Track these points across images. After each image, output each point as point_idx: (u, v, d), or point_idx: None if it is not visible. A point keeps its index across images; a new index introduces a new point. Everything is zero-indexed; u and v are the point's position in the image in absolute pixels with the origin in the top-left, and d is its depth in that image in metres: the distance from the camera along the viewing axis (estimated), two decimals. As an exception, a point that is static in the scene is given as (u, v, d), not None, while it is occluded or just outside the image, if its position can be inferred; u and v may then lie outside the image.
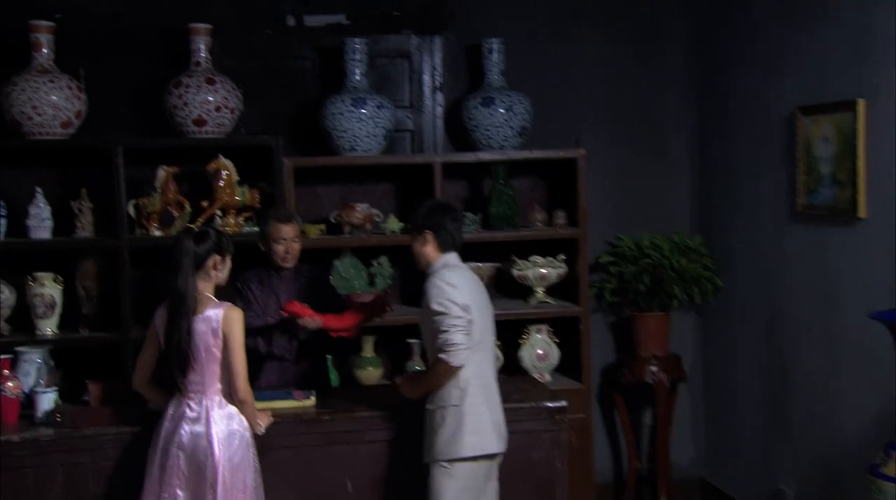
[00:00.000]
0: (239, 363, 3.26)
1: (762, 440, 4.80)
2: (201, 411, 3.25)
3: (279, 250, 3.99)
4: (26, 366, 3.71)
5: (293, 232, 4.02)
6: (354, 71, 4.83)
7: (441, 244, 3.53)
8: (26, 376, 3.66)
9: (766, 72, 4.61)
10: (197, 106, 4.57)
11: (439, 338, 3.33)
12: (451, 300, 3.36)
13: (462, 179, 5.16)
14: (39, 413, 3.47)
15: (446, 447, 3.36)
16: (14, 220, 4.56)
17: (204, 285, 3.36)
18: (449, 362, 3.32)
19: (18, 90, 4.42)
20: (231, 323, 3.28)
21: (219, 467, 3.19)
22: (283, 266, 4.03)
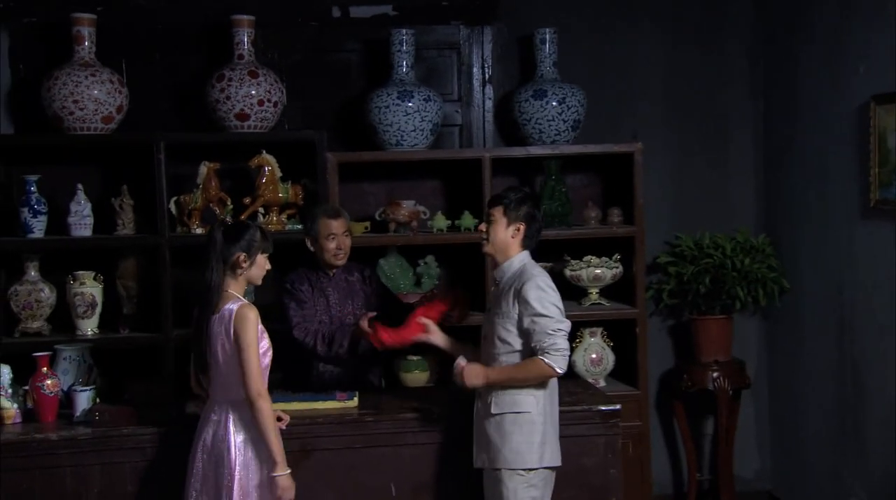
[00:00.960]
0: (247, 363, 3.19)
1: (832, 451, 4.70)
2: (221, 415, 3.26)
3: (331, 247, 4.01)
4: (65, 364, 3.78)
5: (343, 227, 4.04)
6: (401, 63, 4.85)
7: (527, 240, 3.49)
8: (65, 375, 3.73)
9: (837, 60, 4.52)
10: (240, 100, 4.62)
11: (543, 341, 3.30)
12: (556, 305, 3.35)
13: (512, 176, 5.14)
14: (78, 412, 3.53)
15: (526, 454, 3.33)
16: (55, 217, 4.65)
17: (231, 282, 3.33)
18: (555, 368, 3.30)
19: (60, 84, 4.51)
20: (242, 321, 3.22)
21: (234, 474, 3.18)
22: (334, 264, 4.05)
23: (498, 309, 3.43)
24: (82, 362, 3.85)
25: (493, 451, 3.36)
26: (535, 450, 3.33)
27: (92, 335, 4.56)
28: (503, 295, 3.43)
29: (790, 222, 5.07)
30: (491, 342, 3.45)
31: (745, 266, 4.92)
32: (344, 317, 4.09)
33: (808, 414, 4.94)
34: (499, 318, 3.42)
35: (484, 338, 3.53)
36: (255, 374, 3.19)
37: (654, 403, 5.31)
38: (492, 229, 3.46)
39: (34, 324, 4.57)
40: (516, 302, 3.36)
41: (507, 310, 3.39)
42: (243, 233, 3.35)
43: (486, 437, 3.38)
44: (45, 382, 3.51)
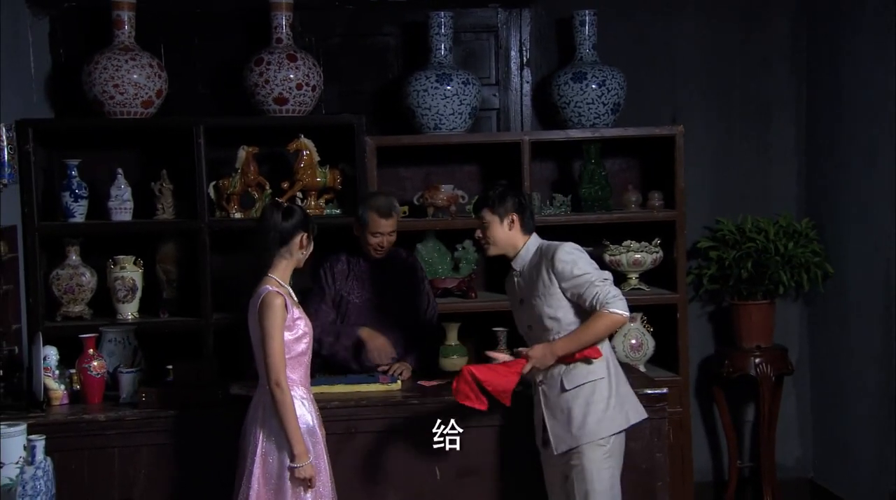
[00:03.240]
0: (268, 351, 3.21)
1: (876, 438, 4.71)
2: (257, 398, 3.32)
3: (373, 242, 4.08)
4: (110, 346, 3.87)
5: (391, 226, 4.09)
6: (439, 46, 4.89)
7: (526, 226, 3.56)
8: (110, 357, 3.82)
9: (882, 40, 4.52)
10: (278, 84, 4.68)
11: (595, 295, 3.36)
12: (589, 262, 3.45)
13: (551, 160, 5.18)
14: (124, 393, 3.62)
15: (607, 422, 3.39)
16: (95, 202, 4.74)
17: (279, 265, 3.36)
18: (620, 312, 3.36)
19: (101, 69, 4.59)
20: (266, 308, 3.23)
21: (256, 458, 3.22)
22: (373, 256, 4.12)
23: (534, 293, 3.48)
24: (127, 344, 3.93)
25: (575, 427, 3.38)
26: (618, 413, 3.40)
27: (132, 319, 4.63)
28: (533, 280, 3.48)
29: (834, 206, 5.07)
30: (541, 327, 3.49)
31: (788, 250, 4.93)
32: (382, 302, 4.16)
33: (851, 401, 4.95)
34: (538, 300, 3.47)
35: (529, 329, 3.56)
36: (274, 363, 3.21)
37: (694, 389, 5.33)
38: (489, 232, 3.55)
39: (76, 308, 4.66)
40: (551, 277, 3.43)
41: (544, 290, 3.45)
42: (300, 214, 3.42)
43: (566, 415, 3.40)
44: (92, 363, 3.60)
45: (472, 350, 4.97)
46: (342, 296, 4.12)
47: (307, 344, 3.37)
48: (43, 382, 3.55)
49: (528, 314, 3.54)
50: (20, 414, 3.44)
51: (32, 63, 4.80)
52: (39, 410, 3.52)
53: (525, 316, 3.56)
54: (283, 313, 3.25)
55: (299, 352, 3.33)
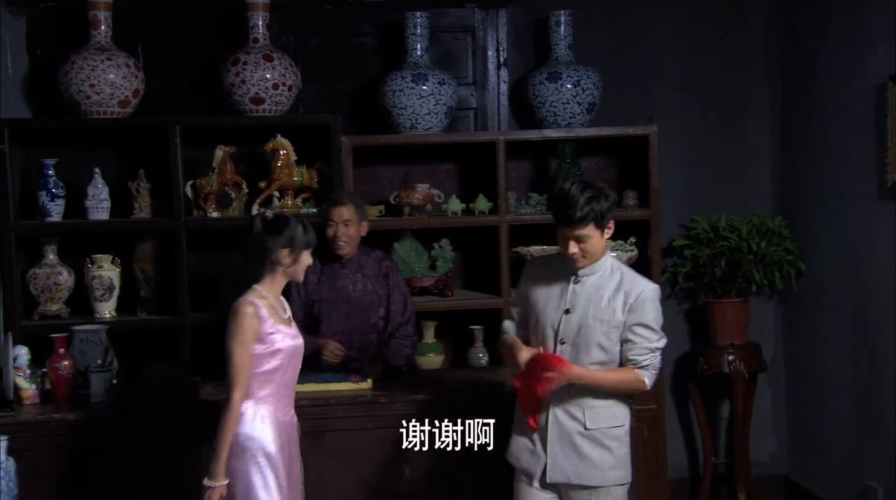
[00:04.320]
0: (228, 360, 3.11)
1: (849, 434, 4.69)
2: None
3: (329, 233, 4.03)
4: (82, 345, 3.83)
5: (346, 215, 4.03)
6: (416, 46, 4.86)
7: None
8: (82, 356, 3.78)
9: (854, 40, 4.49)
10: (254, 84, 4.65)
11: (644, 356, 3.15)
12: (661, 320, 3.21)
13: (528, 159, 5.16)
14: (94, 392, 3.58)
15: (627, 468, 3.25)
16: (73, 201, 4.70)
17: (268, 277, 3.23)
18: (647, 384, 3.19)
19: (77, 69, 4.55)
20: (233, 315, 3.14)
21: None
22: (336, 252, 4.07)
23: (593, 314, 3.15)
24: (99, 343, 3.90)
25: (588, 467, 3.18)
26: (631, 462, 3.26)
27: (110, 318, 4.60)
28: (598, 299, 3.16)
29: (807, 205, 5.05)
30: (584, 349, 3.17)
31: (761, 249, 4.91)
32: (352, 302, 4.13)
33: (825, 398, 4.94)
34: (601, 324, 3.15)
35: (560, 343, 3.20)
36: (232, 374, 3.11)
37: (670, 386, 5.32)
38: (588, 246, 3.14)
39: (53, 307, 4.62)
40: (626, 309, 3.14)
41: (611, 317, 3.14)
42: (285, 228, 3.23)
43: (580, 452, 3.18)
44: (62, 363, 3.57)
45: (450, 348, 4.95)
46: (314, 300, 4.08)
47: (281, 362, 3.21)
48: (14, 381, 3.51)
49: (570, 328, 3.18)
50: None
51: (10, 63, 4.76)
52: (9, 409, 3.48)
53: (565, 328, 3.19)
54: (251, 324, 3.13)
55: (270, 368, 3.19)
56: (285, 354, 3.21)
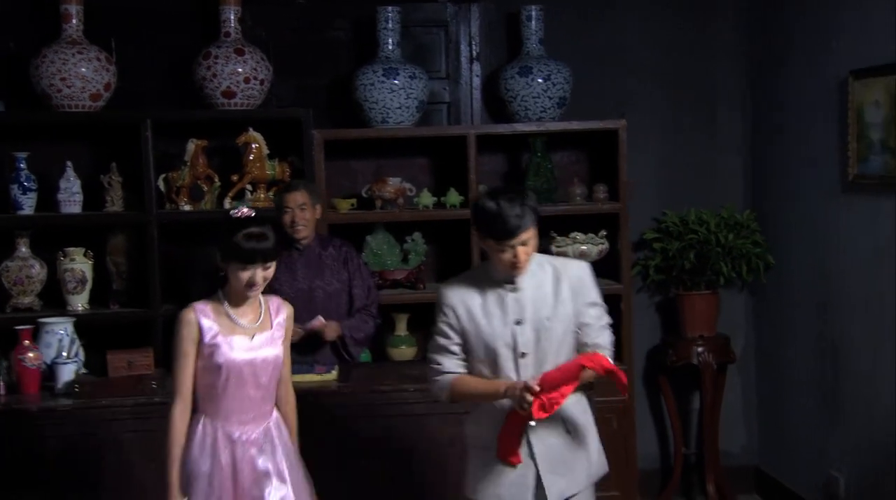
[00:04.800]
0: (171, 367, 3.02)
1: (814, 425, 4.70)
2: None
3: (285, 220, 4.06)
4: (48, 337, 3.82)
5: (300, 199, 4.06)
6: (387, 41, 4.84)
7: None
8: (48, 348, 3.76)
9: (819, 35, 4.49)
10: (226, 77, 4.63)
11: (604, 336, 3.00)
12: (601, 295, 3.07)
13: (500, 153, 5.15)
14: (59, 384, 3.57)
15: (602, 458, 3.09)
16: (45, 194, 4.68)
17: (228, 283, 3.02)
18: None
19: (48, 62, 4.53)
20: (175, 323, 3.01)
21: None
22: (294, 237, 4.07)
23: (550, 313, 2.93)
24: (66, 336, 3.88)
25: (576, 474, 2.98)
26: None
27: (82, 311, 4.60)
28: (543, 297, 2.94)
29: (775, 199, 5.05)
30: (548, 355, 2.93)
31: (728, 242, 4.91)
32: (312, 291, 4.13)
33: (792, 389, 4.94)
34: (559, 323, 2.93)
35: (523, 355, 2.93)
36: (172, 381, 2.99)
37: (642, 378, 5.32)
38: (531, 246, 2.94)
39: (25, 299, 4.61)
40: (572, 296, 2.96)
41: (564, 312, 2.94)
42: (226, 231, 2.96)
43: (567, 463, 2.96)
44: (27, 354, 3.56)
45: (421, 341, 4.94)
46: (274, 289, 4.06)
47: (225, 377, 2.96)
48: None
49: (528, 339, 2.93)
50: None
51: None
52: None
53: (523, 340, 2.93)
54: (189, 332, 2.94)
55: (208, 383, 2.98)
56: (228, 369, 2.96)
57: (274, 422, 3.09)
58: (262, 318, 3.07)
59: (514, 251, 2.88)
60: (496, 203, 2.86)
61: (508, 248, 2.88)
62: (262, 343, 3.03)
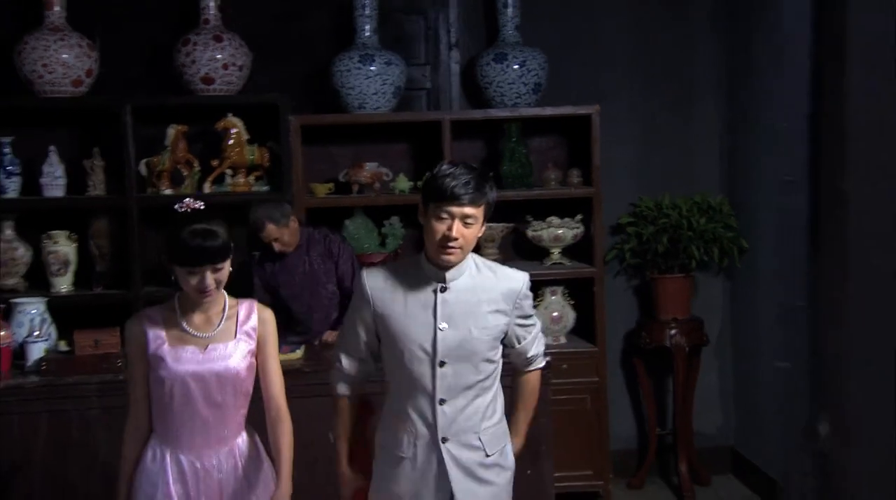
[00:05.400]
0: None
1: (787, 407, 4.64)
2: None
3: (275, 248, 4.18)
4: (20, 317, 3.82)
5: (274, 232, 4.13)
6: (364, 27, 4.82)
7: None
8: (20, 327, 3.77)
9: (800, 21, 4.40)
10: (204, 64, 4.62)
11: (541, 345, 2.83)
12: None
13: (479, 139, 5.12)
14: (29, 362, 3.57)
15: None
16: (30, 178, 4.68)
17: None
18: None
19: (29, 48, 4.53)
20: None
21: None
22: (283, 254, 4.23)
23: (479, 322, 2.62)
24: (38, 315, 3.88)
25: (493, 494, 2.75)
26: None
27: (66, 292, 4.61)
28: (475, 303, 2.62)
29: (749, 184, 5.00)
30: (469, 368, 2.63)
31: (700, 225, 4.86)
32: (312, 287, 4.26)
33: (765, 372, 4.90)
34: (485, 333, 2.63)
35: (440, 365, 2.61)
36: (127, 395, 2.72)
37: (619, 360, 5.30)
38: (470, 233, 2.57)
39: (10, 281, 4.62)
40: (513, 308, 2.68)
41: (496, 324, 2.64)
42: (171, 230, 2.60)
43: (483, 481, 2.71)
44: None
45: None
46: (276, 291, 4.27)
47: (166, 394, 2.62)
48: (-50, 351, 3.51)
49: (449, 347, 2.60)
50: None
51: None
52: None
53: (444, 348, 2.60)
54: (136, 343, 2.64)
55: (155, 400, 2.65)
56: (172, 383, 2.61)
57: (240, 447, 2.72)
58: (222, 325, 2.66)
59: (451, 224, 2.52)
60: (452, 166, 2.58)
61: (446, 215, 2.52)
62: (218, 355, 2.63)
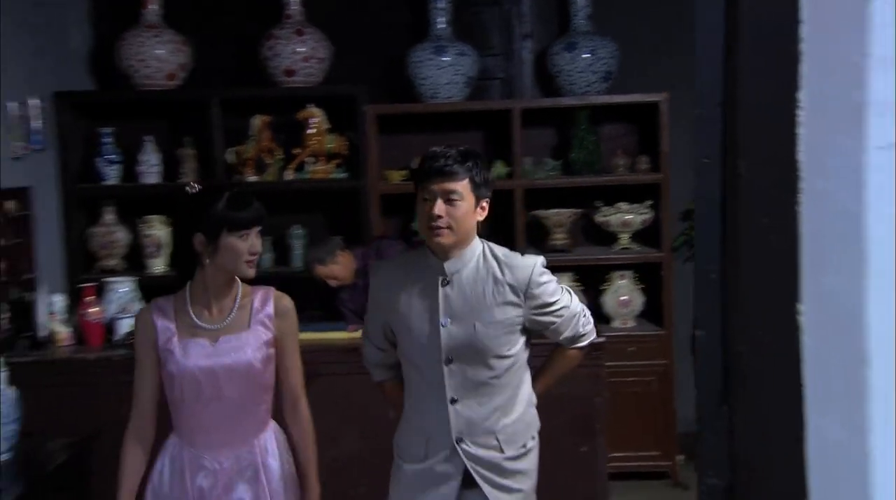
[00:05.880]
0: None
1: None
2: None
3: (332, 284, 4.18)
4: (111, 295, 4.06)
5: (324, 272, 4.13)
6: (438, 19, 4.90)
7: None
8: (110, 304, 4.00)
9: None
10: (286, 57, 4.79)
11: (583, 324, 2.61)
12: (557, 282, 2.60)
13: (550, 126, 5.15)
14: (117, 336, 3.80)
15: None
16: (128, 167, 4.95)
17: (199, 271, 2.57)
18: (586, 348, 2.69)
19: (127, 45, 4.78)
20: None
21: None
22: None
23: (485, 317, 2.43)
24: (128, 294, 4.11)
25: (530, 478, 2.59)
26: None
27: (158, 273, 4.86)
28: (480, 295, 2.44)
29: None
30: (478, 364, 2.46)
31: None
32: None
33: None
34: (494, 329, 2.44)
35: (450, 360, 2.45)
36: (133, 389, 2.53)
37: (690, 344, 5.26)
38: (458, 211, 2.41)
39: (110, 262, 4.90)
40: (525, 298, 2.46)
41: (504, 317, 2.45)
42: (197, 205, 2.44)
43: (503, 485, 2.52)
44: (89, 310, 3.79)
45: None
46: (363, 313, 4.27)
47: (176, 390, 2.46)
48: (48, 324, 3.76)
49: (456, 343, 2.44)
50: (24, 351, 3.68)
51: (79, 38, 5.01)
52: (41, 348, 3.74)
53: (450, 344, 2.44)
54: (144, 335, 2.46)
55: (168, 396, 2.49)
56: (181, 379, 2.43)
57: (263, 446, 2.50)
58: (234, 315, 2.47)
59: (434, 204, 2.39)
60: (437, 148, 2.48)
61: (429, 196, 2.40)
62: (229, 348, 2.44)
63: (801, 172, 0.93)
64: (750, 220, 0.96)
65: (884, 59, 0.78)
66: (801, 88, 0.93)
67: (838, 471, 0.89)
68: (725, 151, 1.02)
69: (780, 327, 0.96)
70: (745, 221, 0.97)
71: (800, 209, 0.93)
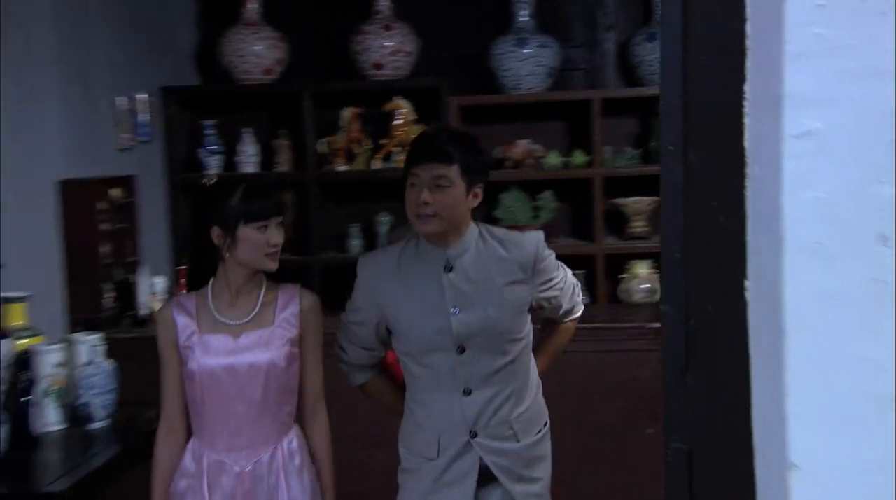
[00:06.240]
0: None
1: None
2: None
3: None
4: (208, 276, 4.28)
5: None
6: (521, 11, 4.97)
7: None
8: (206, 285, 4.22)
9: None
10: (375, 51, 4.94)
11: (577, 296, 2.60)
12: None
13: (632, 116, 5.16)
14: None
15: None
16: (228, 156, 5.19)
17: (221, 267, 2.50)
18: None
19: (227, 42, 5.02)
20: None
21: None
22: None
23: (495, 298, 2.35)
24: (222, 275, 4.33)
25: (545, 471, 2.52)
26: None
27: (255, 256, 5.08)
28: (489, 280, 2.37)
29: None
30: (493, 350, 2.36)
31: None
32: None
33: None
34: (507, 309, 2.36)
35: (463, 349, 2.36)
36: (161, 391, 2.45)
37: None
38: (446, 197, 2.30)
39: (211, 246, 5.15)
40: (533, 274, 2.41)
41: (514, 297, 2.37)
42: (214, 198, 2.39)
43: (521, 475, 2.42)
44: (183, 291, 4.01)
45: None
46: None
47: (197, 389, 2.38)
48: (149, 304, 4.01)
49: (469, 330, 2.34)
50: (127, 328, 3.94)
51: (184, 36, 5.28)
52: (142, 326, 3.99)
53: (462, 332, 2.34)
54: (166, 334, 2.39)
55: (189, 396, 2.42)
56: (202, 377, 2.35)
57: (286, 450, 2.41)
58: (258, 312, 2.40)
59: (420, 190, 2.29)
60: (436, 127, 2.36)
61: (416, 181, 2.31)
62: (251, 344, 2.36)
63: (747, 159, 1.00)
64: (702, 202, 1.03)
65: (797, 55, 0.84)
66: (747, 80, 0.99)
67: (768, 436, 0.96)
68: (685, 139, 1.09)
69: (730, 302, 1.02)
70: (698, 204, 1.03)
71: (746, 193, 1.00)
